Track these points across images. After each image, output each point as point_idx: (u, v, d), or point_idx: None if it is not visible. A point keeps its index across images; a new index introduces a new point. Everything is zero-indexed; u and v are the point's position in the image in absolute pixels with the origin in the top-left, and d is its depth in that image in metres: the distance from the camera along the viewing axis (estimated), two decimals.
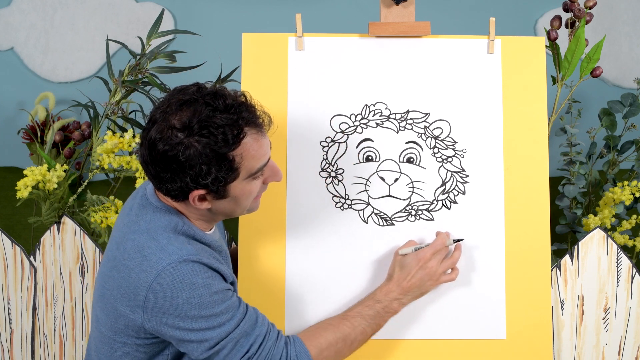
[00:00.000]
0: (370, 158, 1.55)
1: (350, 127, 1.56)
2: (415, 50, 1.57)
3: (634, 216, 2.05)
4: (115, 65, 2.18)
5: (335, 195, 1.55)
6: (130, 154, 1.95)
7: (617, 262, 1.72)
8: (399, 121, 1.56)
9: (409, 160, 1.55)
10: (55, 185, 1.91)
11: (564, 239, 2.26)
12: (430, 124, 1.56)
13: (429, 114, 1.56)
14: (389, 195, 1.55)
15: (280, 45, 1.57)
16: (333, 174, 1.55)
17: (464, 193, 1.55)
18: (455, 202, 1.55)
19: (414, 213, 1.55)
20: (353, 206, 1.55)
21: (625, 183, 2.05)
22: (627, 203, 2.03)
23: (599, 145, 2.28)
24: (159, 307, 1.25)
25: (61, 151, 2.20)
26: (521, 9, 2.79)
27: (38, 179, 1.89)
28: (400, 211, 1.55)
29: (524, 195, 1.55)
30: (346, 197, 1.55)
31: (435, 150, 1.56)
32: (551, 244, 1.67)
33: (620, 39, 2.81)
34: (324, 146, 1.56)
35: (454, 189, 1.55)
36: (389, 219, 1.55)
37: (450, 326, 1.53)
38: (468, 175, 1.55)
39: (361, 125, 1.56)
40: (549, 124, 1.88)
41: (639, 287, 1.72)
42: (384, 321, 1.45)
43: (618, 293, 1.72)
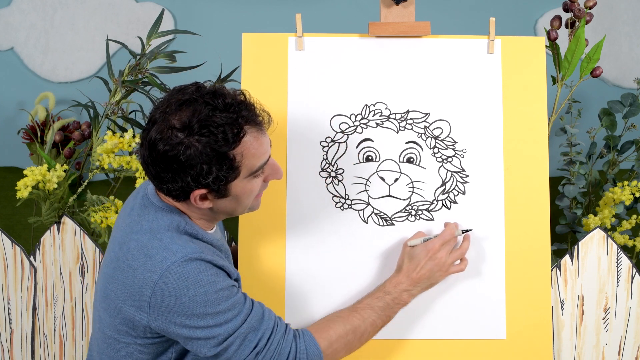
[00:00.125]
0: (370, 158, 1.55)
1: (350, 127, 1.56)
2: (415, 50, 1.57)
3: (634, 216, 2.05)
4: (115, 65, 2.18)
5: (335, 195, 1.55)
6: (130, 154, 1.94)
7: (617, 262, 1.72)
8: (399, 121, 1.56)
9: (409, 160, 1.55)
10: (55, 185, 1.91)
11: (564, 239, 2.26)
12: (430, 124, 1.56)
13: (429, 114, 1.56)
14: (389, 195, 1.55)
15: (280, 45, 1.57)
16: (333, 174, 1.55)
17: (464, 193, 1.55)
18: (455, 202, 1.55)
19: (414, 213, 1.55)
20: (353, 206, 1.55)
21: (625, 183, 2.05)
22: (627, 203, 2.03)
23: (599, 145, 2.28)
24: (165, 306, 1.24)
25: (61, 151, 2.20)
26: (521, 9, 2.79)
27: (38, 179, 1.89)
28: (400, 211, 1.55)
29: (524, 195, 1.55)
30: (346, 197, 1.55)
31: (435, 150, 1.56)
32: (551, 244, 1.67)
33: (620, 39, 2.81)
34: (324, 146, 1.56)
35: (454, 189, 1.55)
36: (389, 219, 1.54)
37: (451, 326, 1.53)
38: (468, 175, 1.55)
39: (361, 125, 1.56)
40: (549, 124, 1.88)
41: (639, 287, 1.72)
42: (393, 313, 1.44)
43: (618, 293, 1.72)
